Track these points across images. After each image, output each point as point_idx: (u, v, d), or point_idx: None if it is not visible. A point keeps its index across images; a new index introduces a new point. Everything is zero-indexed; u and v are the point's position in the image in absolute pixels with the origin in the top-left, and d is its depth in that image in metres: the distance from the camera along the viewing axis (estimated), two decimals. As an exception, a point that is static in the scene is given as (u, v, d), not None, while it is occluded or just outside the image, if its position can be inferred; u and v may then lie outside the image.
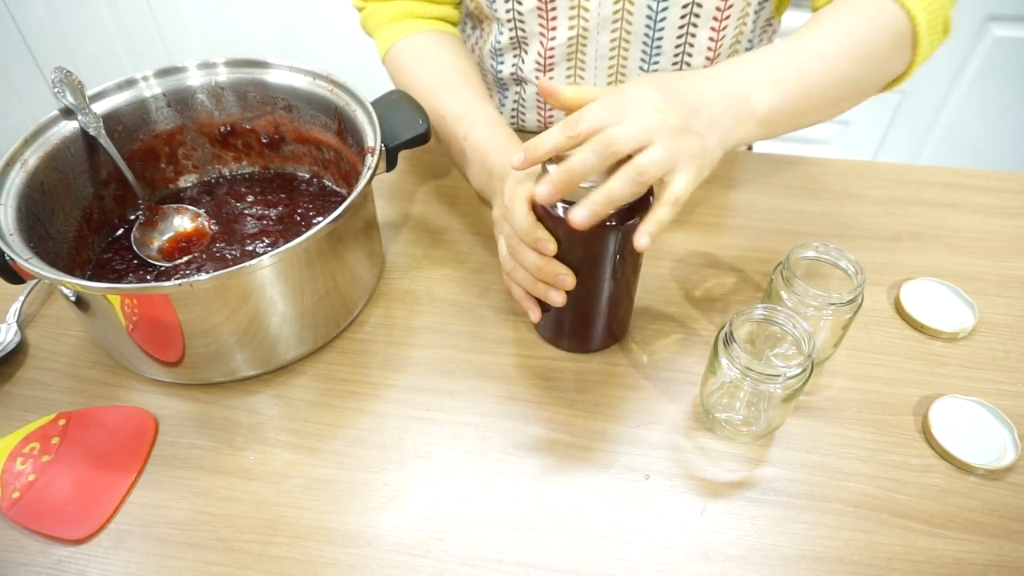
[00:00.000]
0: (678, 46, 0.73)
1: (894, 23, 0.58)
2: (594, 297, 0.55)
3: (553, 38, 0.73)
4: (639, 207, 0.49)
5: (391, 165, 0.61)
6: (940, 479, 0.52)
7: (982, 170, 0.79)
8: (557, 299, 0.53)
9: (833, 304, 0.52)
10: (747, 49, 0.76)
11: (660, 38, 0.72)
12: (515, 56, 0.78)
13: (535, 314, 0.57)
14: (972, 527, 0.49)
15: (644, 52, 0.74)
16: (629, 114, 0.47)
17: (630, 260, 0.54)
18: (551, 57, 0.75)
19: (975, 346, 0.61)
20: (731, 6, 0.69)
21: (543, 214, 0.51)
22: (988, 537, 0.49)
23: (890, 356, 0.60)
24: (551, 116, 0.84)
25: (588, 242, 0.50)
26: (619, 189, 0.46)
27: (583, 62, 0.75)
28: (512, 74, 0.80)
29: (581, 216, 0.46)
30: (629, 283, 0.56)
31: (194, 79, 0.66)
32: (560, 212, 0.49)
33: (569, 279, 0.52)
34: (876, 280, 0.66)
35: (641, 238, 0.47)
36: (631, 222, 0.49)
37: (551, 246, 0.51)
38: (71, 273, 0.54)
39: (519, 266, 0.54)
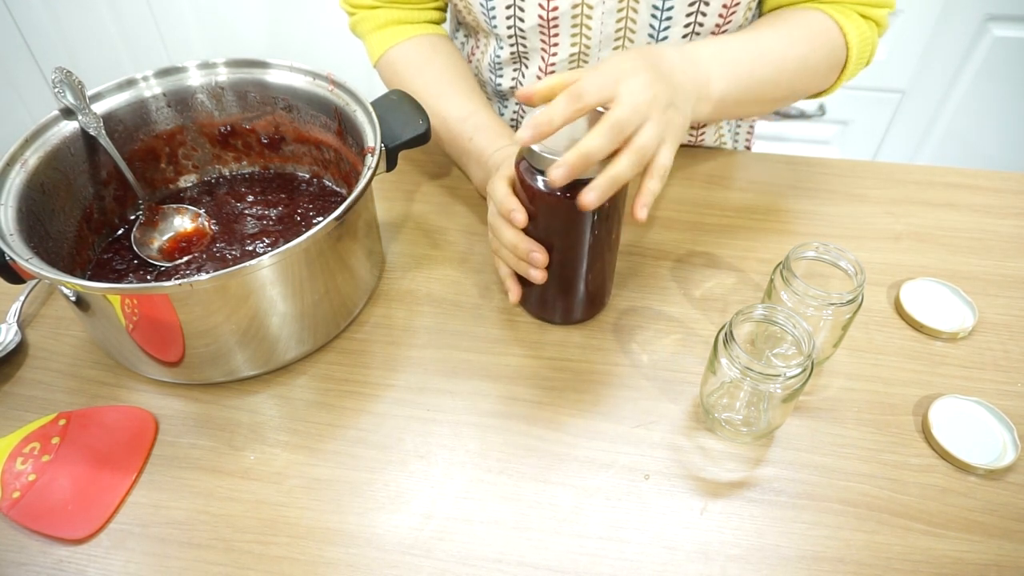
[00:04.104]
0: None
1: (833, 48, 0.67)
2: (575, 265, 0.56)
3: (555, 54, 0.73)
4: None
5: (391, 165, 0.61)
6: (940, 479, 0.52)
7: (982, 170, 0.79)
8: (536, 276, 0.55)
9: (833, 304, 0.53)
10: None
11: None
12: (515, 71, 0.78)
13: (514, 294, 0.60)
14: (972, 527, 0.49)
15: None
16: (626, 89, 0.49)
17: (605, 226, 0.55)
18: (552, 72, 0.75)
19: (975, 346, 0.61)
20: (729, 22, 0.70)
21: (522, 189, 0.53)
22: (988, 537, 0.49)
23: (890, 356, 0.60)
24: None
25: (566, 210, 0.52)
26: (625, 171, 0.49)
27: None
28: (512, 88, 0.80)
29: (590, 199, 0.49)
30: (610, 250, 0.58)
31: (194, 79, 0.66)
32: (540, 185, 0.51)
33: (540, 256, 0.54)
34: (876, 280, 0.66)
35: (640, 211, 0.50)
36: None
37: (520, 216, 0.53)
38: (71, 273, 0.54)
39: (502, 245, 0.57)
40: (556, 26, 0.71)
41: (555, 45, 0.73)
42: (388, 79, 0.78)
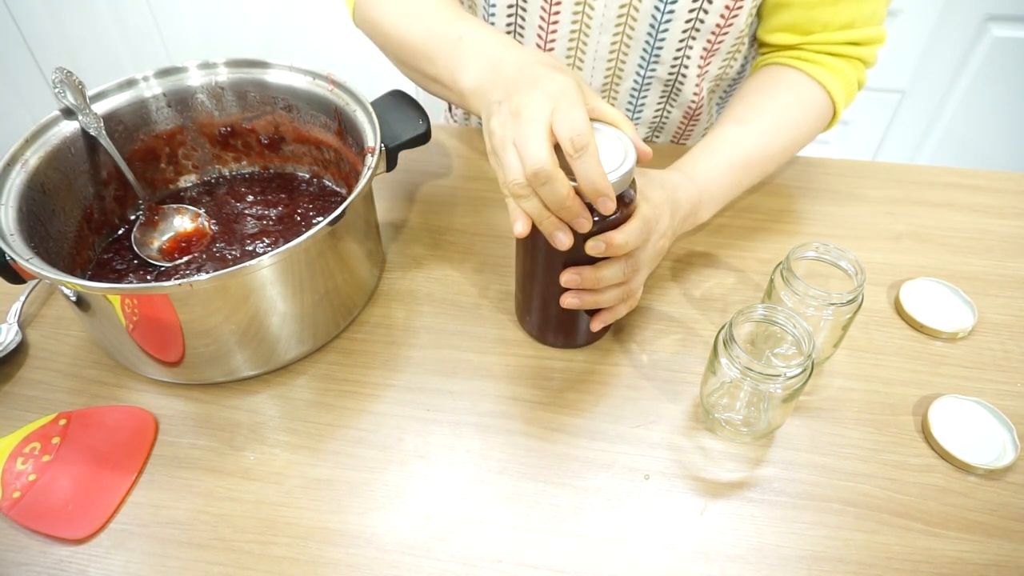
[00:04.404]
0: (676, 58, 0.73)
1: (820, 116, 0.70)
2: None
3: (554, 31, 0.73)
4: (622, 199, 0.50)
5: (391, 165, 0.61)
6: (940, 479, 0.52)
7: (982, 170, 0.79)
8: (565, 240, 0.48)
9: (833, 304, 0.53)
10: (731, 58, 0.77)
11: (660, 48, 0.72)
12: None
13: (524, 225, 0.49)
14: (972, 527, 0.49)
15: (643, 58, 0.74)
16: (650, 242, 0.55)
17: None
18: (550, 51, 0.74)
19: (975, 346, 0.61)
20: (731, 24, 0.70)
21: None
22: (988, 537, 0.49)
23: (890, 356, 0.60)
24: None
25: (573, 238, 0.50)
26: (610, 302, 0.55)
27: (581, 60, 0.75)
28: None
29: (571, 304, 0.53)
30: None
31: (194, 79, 0.66)
32: None
33: (586, 224, 0.48)
34: (876, 280, 0.66)
35: (596, 325, 0.56)
36: (613, 217, 0.49)
37: (587, 222, 0.48)
38: (71, 273, 0.54)
39: (533, 194, 0.48)
40: (559, 2, 0.70)
41: (555, 23, 0.72)
42: (367, 14, 0.69)
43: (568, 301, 0.53)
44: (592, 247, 0.50)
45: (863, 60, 0.71)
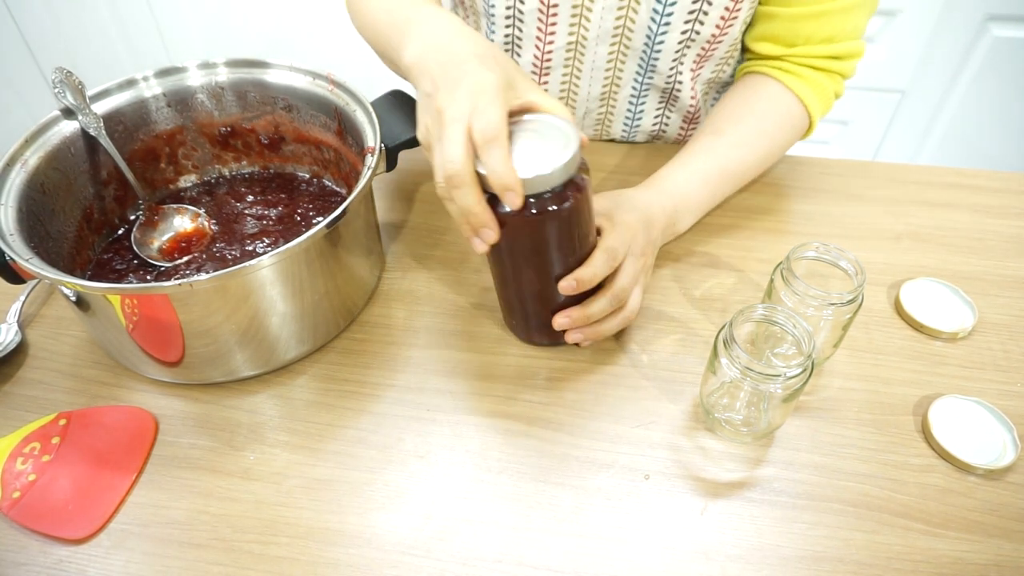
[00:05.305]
0: (672, 68, 0.74)
1: (795, 127, 0.72)
2: (552, 286, 0.54)
3: (551, 42, 0.73)
4: (571, 186, 0.48)
5: (391, 165, 0.61)
6: (940, 479, 0.52)
7: (982, 170, 0.79)
8: (480, 246, 0.50)
9: (833, 304, 0.53)
10: (724, 63, 0.77)
11: (656, 58, 0.73)
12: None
13: (480, 245, 0.51)
14: (972, 527, 0.49)
15: (640, 68, 0.74)
16: (628, 259, 0.57)
17: (579, 244, 0.53)
18: (548, 61, 0.75)
19: (975, 346, 0.61)
20: (726, 34, 0.71)
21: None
22: (988, 537, 0.49)
23: (890, 356, 0.60)
24: None
25: (531, 232, 0.49)
26: (602, 312, 0.56)
27: (579, 70, 0.76)
28: None
29: (576, 339, 0.57)
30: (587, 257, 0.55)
31: (194, 79, 0.66)
32: (501, 208, 0.48)
33: (492, 235, 0.48)
34: (876, 280, 0.66)
35: (574, 335, 0.57)
36: (567, 205, 0.48)
37: (492, 235, 0.49)
38: (71, 273, 0.54)
39: (457, 206, 0.49)
40: (555, 15, 0.71)
41: (552, 33, 0.72)
42: (351, 8, 0.70)
43: (573, 336, 0.57)
44: (565, 287, 0.53)
45: (842, 74, 0.72)
